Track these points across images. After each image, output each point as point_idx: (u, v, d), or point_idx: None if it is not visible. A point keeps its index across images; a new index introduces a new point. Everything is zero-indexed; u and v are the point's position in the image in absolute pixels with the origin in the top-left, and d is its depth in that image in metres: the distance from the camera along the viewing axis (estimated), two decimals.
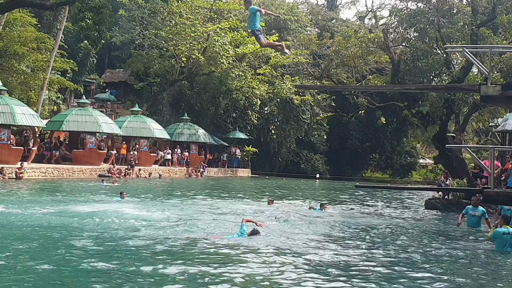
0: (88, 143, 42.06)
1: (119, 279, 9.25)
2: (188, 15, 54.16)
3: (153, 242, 12.73)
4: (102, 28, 51.71)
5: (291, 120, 63.04)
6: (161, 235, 13.81)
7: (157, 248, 12.07)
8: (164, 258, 11.16)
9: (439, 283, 10.05)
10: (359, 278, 10.08)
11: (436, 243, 14.83)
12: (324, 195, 36.70)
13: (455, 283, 10.21)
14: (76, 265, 10.05)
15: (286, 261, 11.27)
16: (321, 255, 12.15)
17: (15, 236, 12.99)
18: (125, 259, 10.97)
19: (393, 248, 13.64)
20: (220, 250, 12.21)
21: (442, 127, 36.89)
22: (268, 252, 12.14)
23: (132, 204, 21.33)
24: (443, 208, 25.25)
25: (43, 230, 13.77)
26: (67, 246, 11.74)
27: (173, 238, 13.38)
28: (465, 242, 15.58)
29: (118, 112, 59.17)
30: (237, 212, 20.21)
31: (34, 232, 13.44)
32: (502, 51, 29.63)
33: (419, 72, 37.05)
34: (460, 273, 11.28)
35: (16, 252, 11.08)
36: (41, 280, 9.01)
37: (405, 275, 10.59)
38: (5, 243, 11.94)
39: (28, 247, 11.57)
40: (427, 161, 73.30)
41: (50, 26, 50.10)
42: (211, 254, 11.81)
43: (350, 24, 66.50)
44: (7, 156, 34.19)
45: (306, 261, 11.37)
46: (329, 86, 49.99)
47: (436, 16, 35.93)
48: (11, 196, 22.10)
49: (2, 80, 38.93)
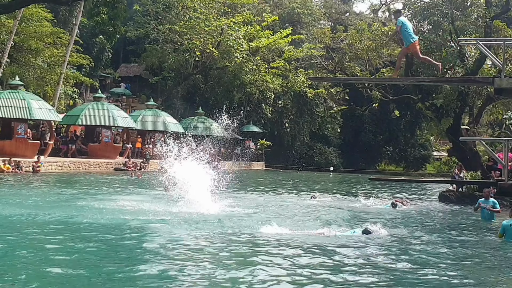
0: (104, 137, 42.24)
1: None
2: (202, 9, 54.14)
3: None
4: (117, 22, 52.00)
5: (304, 113, 62.95)
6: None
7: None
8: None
9: (446, 276, 10.04)
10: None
11: (447, 236, 14.76)
12: (341, 187, 36.60)
13: (462, 276, 10.18)
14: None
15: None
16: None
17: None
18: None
19: (406, 240, 13.62)
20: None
21: (456, 119, 36.68)
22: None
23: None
24: (457, 201, 25.10)
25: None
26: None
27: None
28: (476, 234, 15.51)
29: (133, 106, 59.32)
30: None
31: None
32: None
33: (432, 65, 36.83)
34: (467, 265, 11.24)
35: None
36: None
37: (416, 267, 10.57)
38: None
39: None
40: (441, 154, 72.90)
41: (66, 21, 50.33)
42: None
43: (364, 18, 66.25)
44: (24, 150, 34.44)
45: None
46: (343, 78, 49.85)
47: (449, 9, 35.70)
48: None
49: (19, 75, 39.20)
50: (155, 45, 57.30)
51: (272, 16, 59.19)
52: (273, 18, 58.36)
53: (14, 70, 40.38)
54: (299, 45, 60.07)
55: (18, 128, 35.28)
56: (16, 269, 8.94)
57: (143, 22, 57.40)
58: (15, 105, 35.45)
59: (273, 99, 59.54)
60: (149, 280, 8.61)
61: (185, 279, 8.70)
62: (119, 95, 61.37)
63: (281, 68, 57.71)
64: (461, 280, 9.69)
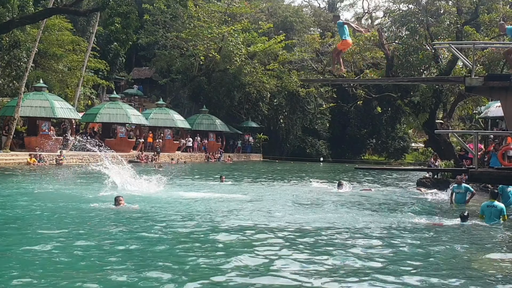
0: (119, 132, 42.25)
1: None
2: (205, 18, 54.05)
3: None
4: (130, 31, 51.79)
5: (297, 110, 62.90)
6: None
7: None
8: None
9: (425, 253, 10.03)
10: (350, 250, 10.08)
11: (425, 217, 14.76)
12: (330, 176, 36.60)
13: (436, 252, 10.16)
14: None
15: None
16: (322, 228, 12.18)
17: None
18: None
19: (389, 221, 13.62)
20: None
21: (431, 114, 36.68)
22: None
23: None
24: (433, 186, 25.12)
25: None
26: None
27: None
28: (451, 215, 15.53)
29: (145, 105, 59.28)
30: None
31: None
32: (484, 46, 29.51)
33: (410, 66, 36.83)
34: (440, 243, 11.19)
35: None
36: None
37: (395, 248, 10.56)
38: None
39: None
40: (418, 145, 72.85)
41: (84, 30, 50.15)
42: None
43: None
44: (48, 145, 34.46)
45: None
46: (331, 79, 49.74)
47: (425, 16, 35.64)
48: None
49: (43, 79, 39.13)
50: (163, 51, 57.19)
51: (268, 24, 59.09)
52: (268, 26, 58.26)
53: (39, 74, 40.28)
54: (292, 49, 59.92)
55: (42, 126, 35.31)
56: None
57: (153, 30, 57.25)
58: (39, 105, 35.46)
59: (269, 97, 59.49)
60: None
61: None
62: (132, 95, 61.27)
63: (276, 70, 57.56)
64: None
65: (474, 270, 8.83)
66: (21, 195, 16.36)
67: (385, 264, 8.90)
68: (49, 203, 14.62)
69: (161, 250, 9.41)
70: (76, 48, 45.04)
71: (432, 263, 9.22)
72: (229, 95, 56.73)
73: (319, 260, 8.95)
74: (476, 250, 10.58)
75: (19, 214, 12.95)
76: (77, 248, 9.16)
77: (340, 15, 15.39)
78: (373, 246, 10.37)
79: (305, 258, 9.04)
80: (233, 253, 9.17)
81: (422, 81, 30.08)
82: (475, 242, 11.59)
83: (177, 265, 8.29)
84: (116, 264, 8.25)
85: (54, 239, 9.83)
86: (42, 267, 7.94)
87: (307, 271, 8.24)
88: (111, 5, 32.50)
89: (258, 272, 8.09)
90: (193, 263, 8.45)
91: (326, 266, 8.61)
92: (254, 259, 8.87)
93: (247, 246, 9.94)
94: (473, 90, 13.72)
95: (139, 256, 8.89)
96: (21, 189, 18.33)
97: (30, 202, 14.76)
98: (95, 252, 8.98)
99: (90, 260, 8.44)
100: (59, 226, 11.40)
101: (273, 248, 9.78)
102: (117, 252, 9.08)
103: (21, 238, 10.05)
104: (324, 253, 9.54)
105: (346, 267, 8.58)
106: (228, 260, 8.63)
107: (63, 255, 8.65)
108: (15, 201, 15.09)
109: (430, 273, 8.40)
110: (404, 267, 8.71)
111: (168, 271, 7.92)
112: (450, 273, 8.47)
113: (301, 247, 9.98)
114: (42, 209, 13.64)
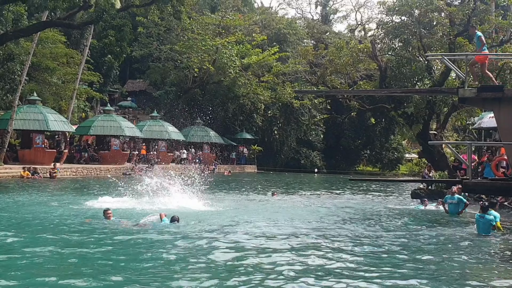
0: (113, 145, 42.13)
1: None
2: (199, 31, 54.18)
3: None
4: (123, 44, 51.83)
5: (291, 121, 62.93)
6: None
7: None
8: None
9: (419, 263, 10.01)
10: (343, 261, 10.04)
11: (419, 227, 14.77)
12: (325, 187, 36.57)
13: (432, 263, 10.15)
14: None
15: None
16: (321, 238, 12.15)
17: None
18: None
19: (382, 231, 13.60)
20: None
21: (425, 125, 36.84)
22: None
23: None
24: (427, 197, 25.13)
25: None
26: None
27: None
28: (444, 226, 15.55)
29: (139, 117, 59.19)
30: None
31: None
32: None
33: (403, 78, 37.05)
34: (435, 253, 11.20)
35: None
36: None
37: (392, 258, 10.54)
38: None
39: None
40: (412, 156, 72.96)
41: (78, 43, 50.12)
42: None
43: (342, 36, 66.27)
44: (42, 158, 34.39)
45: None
46: (325, 91, 49.96)
47: (418, 28, 35.88)
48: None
49: (37, 91, 39.02)
50: (157, 63, 57.27)
51: (261, 36, 59.24)
52: (262, 38, 58.41)
53: (32, 87, 40.17)
54: (286, 61, 60.12)
55: (36, 139, 35.16)
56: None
57: (147, 42, 57.38)
58: (33, 118, 35.35)
59: (263, 109, 59.53)
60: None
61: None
62: (126, 107, 61.21)
63: (270, 81, 57.68)
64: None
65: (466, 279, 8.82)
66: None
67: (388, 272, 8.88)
68: (32, 219, 14.25)
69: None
70: (70, 61, 44.98)
71: (427, 269, 9.20)
72: (223, 106, 56.76)
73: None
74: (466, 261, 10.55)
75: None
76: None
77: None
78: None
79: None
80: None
81: (415, 93, 30.28)
82: (468, 253, 11.57)
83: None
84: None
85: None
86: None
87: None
88: (105, 18, 32.43)
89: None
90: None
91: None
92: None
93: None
94: (466, 101, 13.79)
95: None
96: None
97: (12, 216, 14.39)
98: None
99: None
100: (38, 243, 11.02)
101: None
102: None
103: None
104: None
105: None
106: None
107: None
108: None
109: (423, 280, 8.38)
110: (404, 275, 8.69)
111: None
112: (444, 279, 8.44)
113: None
114: (24, 225, 13.23)
